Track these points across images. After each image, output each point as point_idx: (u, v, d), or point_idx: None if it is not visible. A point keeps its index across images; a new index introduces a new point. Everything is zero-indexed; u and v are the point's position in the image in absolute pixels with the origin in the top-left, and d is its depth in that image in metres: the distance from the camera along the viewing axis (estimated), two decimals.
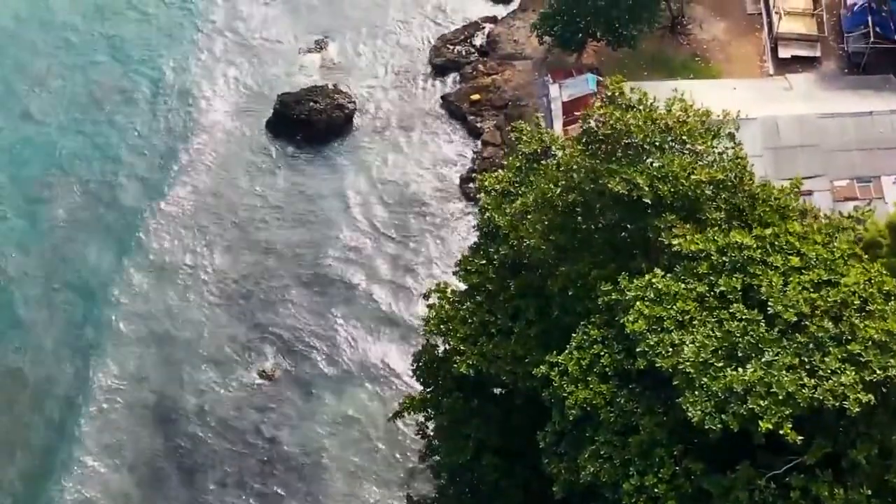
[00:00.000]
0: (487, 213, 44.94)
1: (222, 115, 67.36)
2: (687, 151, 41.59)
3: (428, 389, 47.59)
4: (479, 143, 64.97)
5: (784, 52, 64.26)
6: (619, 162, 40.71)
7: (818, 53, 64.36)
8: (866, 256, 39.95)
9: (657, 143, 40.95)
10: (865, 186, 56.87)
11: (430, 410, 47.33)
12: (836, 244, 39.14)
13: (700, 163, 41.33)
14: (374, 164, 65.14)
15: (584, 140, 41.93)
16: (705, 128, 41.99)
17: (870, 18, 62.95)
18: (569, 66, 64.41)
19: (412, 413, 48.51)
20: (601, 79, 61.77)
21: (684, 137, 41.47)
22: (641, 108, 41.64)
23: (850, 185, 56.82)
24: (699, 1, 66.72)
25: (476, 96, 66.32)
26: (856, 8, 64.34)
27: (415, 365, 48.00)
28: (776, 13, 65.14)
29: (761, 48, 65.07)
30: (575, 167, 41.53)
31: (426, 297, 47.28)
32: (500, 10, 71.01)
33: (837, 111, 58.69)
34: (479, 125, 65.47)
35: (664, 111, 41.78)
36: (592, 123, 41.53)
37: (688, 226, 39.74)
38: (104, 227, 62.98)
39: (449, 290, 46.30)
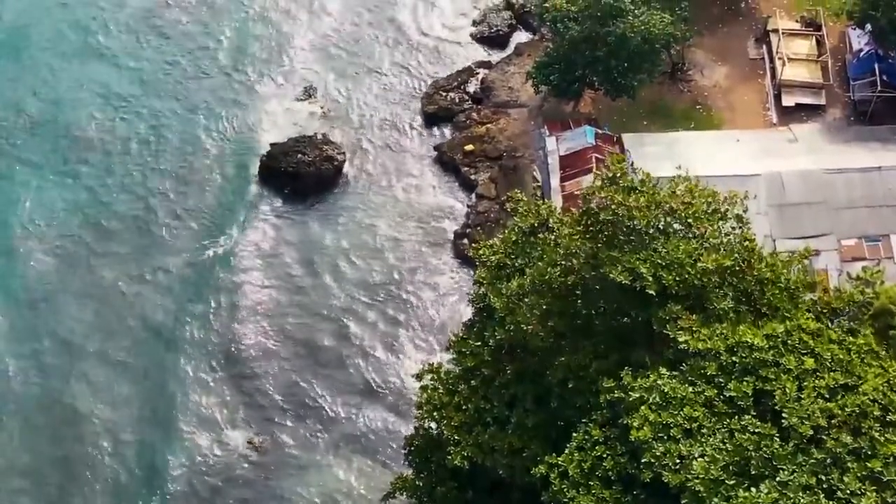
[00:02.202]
0: (483, 290, 43.16)
1: (206, 166, 64.98)
2: (692, 235, 39.62)
3: (421, 474, 45.52)
4: (473, 196, 62.53)
5: (788, 100, 62.15)
6: (621, 248, 38.80)
7: (823, 101, 62.35)
8: (883, 353, 37.81)
9: (661, 228, 39.02)
10: (874, 245, 55.10)
11: (423, 497, 45.25)
12: (850, 339, 37.13)
13: (706, 246, 39.36)
14: (365, 220, 62.80)
15: (584, 221, 39.91)
16: (712, 209, 39.99)
17: (876, 66, 61.09)
18: (565, 115, 62.28)
19: (404, 495, 46.44)
20: (600, 131, 59.79)
21: (689, 220, 39.50)
22: (644, 189, 39.60)
23: (858, 244, 55.01)
24: (700, 45, 64.46)
25: (470, 147, 63.91)
26: (862, 54, 62.45)
27: (407, 449, 46.09)
28: (779, 59, 63.10)
29: (764, 95, 62.96)
30: (574, 251, 39.58)
31: (419, 377, 45.24)
32: (495, 55, 68.83)
33: (844, 166, 56.82)
34: (473, 177, 63.02)
35: (668, 192, 39.78)
36: (593, 205, 39.48)
37: (694, 316, 37.92)
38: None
39: (443, 371, 44.41)
